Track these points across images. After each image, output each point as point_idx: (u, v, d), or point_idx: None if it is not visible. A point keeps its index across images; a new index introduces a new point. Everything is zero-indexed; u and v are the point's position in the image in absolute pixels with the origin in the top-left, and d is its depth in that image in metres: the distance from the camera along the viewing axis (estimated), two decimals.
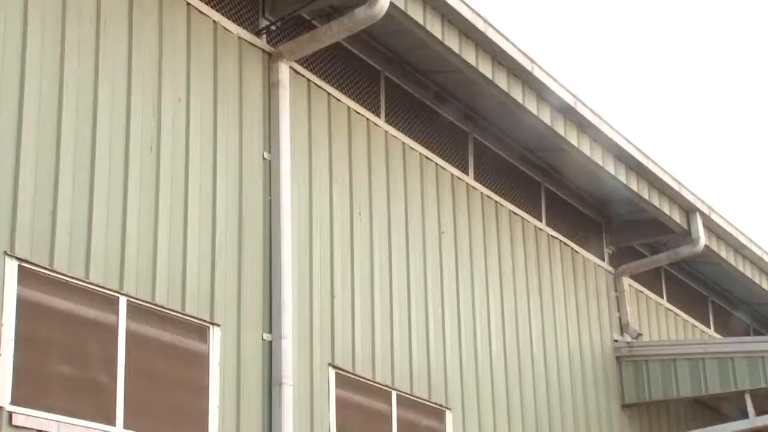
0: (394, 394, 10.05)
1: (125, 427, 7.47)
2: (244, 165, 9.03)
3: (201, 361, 8.26)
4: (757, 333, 17.55)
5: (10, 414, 6.76)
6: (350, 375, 9.59)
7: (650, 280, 15.14)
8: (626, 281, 14.26)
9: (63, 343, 7.26)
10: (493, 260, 12.03)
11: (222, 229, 8.68)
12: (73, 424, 7.12)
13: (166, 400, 7.92)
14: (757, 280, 15.63)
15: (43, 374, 7.10)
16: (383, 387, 9.94)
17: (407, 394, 10.21)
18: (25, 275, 7.07)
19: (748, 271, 15.35)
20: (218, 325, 8.42)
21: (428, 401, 10.46)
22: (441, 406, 10.60)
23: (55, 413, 7.02)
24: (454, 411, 10.74)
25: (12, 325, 6.90)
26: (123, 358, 7.60)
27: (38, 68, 7.40)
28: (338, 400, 9.38)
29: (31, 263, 7.11)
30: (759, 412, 12.46)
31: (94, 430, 7.25)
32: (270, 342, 8.81)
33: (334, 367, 9.42)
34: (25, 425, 6.82)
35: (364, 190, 10.34)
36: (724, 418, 13.95)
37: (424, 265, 10.94)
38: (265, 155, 9.25)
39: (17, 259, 7.04)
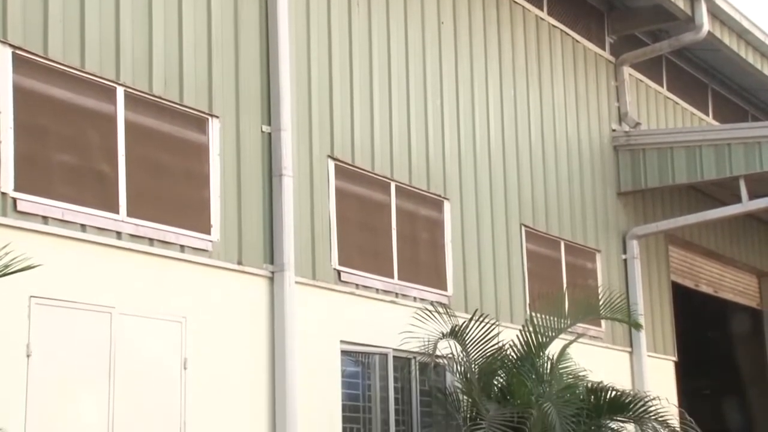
0: (392, 185, 10.17)
1: (129, 215, 7.62)
2: None
3: (201, 152, 8.33)
4: (756, 120, 17.57)
5: (15, 200, 6.88)
6: (349, 166, 9.68)
7: (651, 68, 15.03)
8: (626, 70, 14.15)
9: (63, 132, 7.30)
10: (492, 50, 11.91)
11: (217, 18, 8.55)
12: (78, 212, 7.26)
13: (168, 190, 8.04)
14: (758, 66, 15.52)
15: (45, 162, 7.18)
16: (382, 178, 10.06)
17: (406, 184, 10.33)
18: (20, 63, 7.03)
19: (750, 57, 15.21)
20: (217, 117, 8.44)
21: (427, 192, 10.61)
22: (439, 196, 10.76)
23: (59, 200, 7.15)
24: (452, 201, 10.90)
25: (10, 113, 6.92)
26: (123, 148, 7.66)
27: None
28: (338, 191, 9.51)
29: (25, 50, 7.06)
30: (752, 197, 12.64)
31: (98, 217, 7.39)
32: (269, 134, 8.85)
33: (334, 158, 9.50)
34: (29, 211, 6.95)
35: None
36: (717, 204, 14.18)
37: (423, 56, 10.84)
38: None
39: (11, 46, 6.98)
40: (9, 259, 5.56)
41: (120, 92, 7.70)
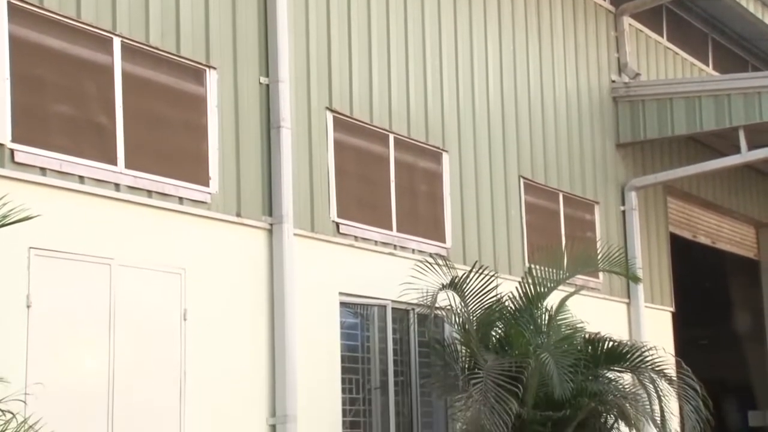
0: (391, 137, 10.15)
1: (127, 166, 7.61)
2: None
3: (199, 103, 8.30)
4: (756, 70, 17.46)
5: (12, 151, 6.87)
6: (348, 118, 9.65)
7: (651, 18, 14.91)
8: (626, 21, 14.04)
9: (60, 84, 7.26)
10: (492, 1, 11.82)
11: None
12: (76, 163, 7.25)
13: (167, 142, 8.02)
14: (759, 15, 15.40)
15: (42, 113, 7.15)
16: (381, 130, 10.03)
17: (404, 137, 10.31)
18: (15, 13, 6.97)
19: (750, 5, 15.11)
20: (214, 68, 8.39)
21: (425, 144, 10.58)
22: (438, 148, 10.73)
23: (56, 152, 7.13)
24: (451, 153, 10.88)
25: (6, 63, 6.88)
26: (120, 100, 7.63)
27: None
28: (336, 143, 9.48)
29: (21, 0, 6.99)
30: (751, 147, 12.61)
31: (96, 169, 7.39)
32: (267, 85, 8.81)
33: (332, 110, 9.47)
34: (27, 162, 6.94)
35: None
36: (717, 155, 14.15)
37: (422, 7, 10.76)
38: None
39: None
40: (7, 210, 5.56)
41: (117, 43, 7.65)
